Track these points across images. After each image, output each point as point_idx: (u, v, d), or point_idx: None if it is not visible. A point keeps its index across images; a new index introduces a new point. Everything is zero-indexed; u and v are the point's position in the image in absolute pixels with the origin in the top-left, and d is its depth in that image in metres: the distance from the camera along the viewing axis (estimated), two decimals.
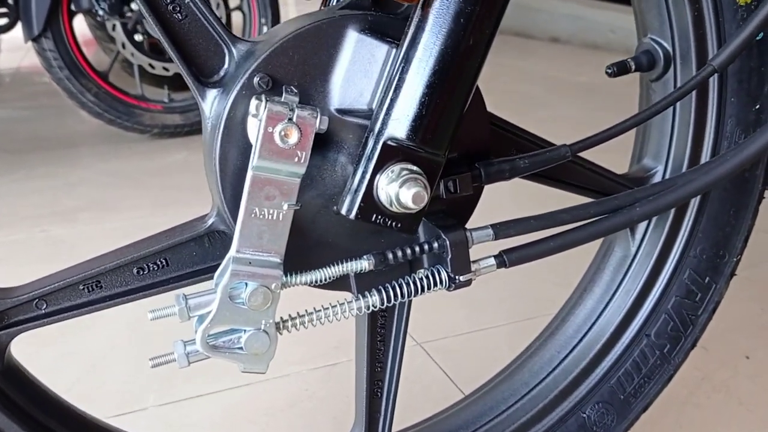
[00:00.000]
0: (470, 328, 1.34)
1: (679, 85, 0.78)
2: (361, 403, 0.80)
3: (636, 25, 0.82)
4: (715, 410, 1.15)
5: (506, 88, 3.37)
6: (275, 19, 2.72)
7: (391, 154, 0.56)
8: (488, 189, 0.70)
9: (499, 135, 0.74)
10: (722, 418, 1.13)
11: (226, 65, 0.64)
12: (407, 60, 0.56)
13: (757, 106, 0.78)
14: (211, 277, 0.66)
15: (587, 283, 0.86)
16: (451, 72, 0.55)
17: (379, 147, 0.56)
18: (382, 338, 0.78)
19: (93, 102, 2.51)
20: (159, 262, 0.68)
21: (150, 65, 2.67)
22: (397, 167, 0.56)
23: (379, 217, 0.58)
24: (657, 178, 0.81)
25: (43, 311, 0.65)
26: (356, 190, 0.57)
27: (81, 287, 0.67)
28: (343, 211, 0.58)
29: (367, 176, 0.57)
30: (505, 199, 1.65)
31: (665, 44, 0.77)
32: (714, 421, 1.13)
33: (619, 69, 0.78)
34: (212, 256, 0.69)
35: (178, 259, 0.68)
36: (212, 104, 0.64)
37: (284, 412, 1.16)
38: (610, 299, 0.84)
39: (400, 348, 0.79)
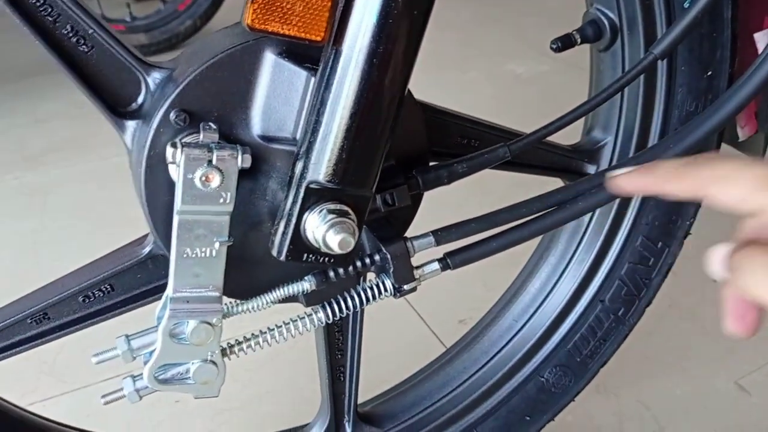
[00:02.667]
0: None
1: (626, 55, 0.75)
2: (325, 387, 0.83)
3: None
4: (682, 339, 1.19)
5: None
6: None
7: (315, 196, 0.55)
8: None
9: (439, 125, 0.72)
10: (688, 348, 1.17)
11: (142, 93, 0.61)
12: (322, 102, 0.53)
13: (709, 73, 0.75)
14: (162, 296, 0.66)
15: (542, 252, 0.87)
16: (368, 114, 0.52)
17: (302, 191, 0.55)
18: (339, 328, 0.80)
19: None
20: (104, 288, 0.68)
21: None
22: (324, 208, 0.55)
23: (311, 256, 0.57)
24: (607, 150, 0.80)
25: None
26: (284, 232, 0.56)
27: (29, 321, 0.67)
28: (274, 253, 0.58)
29: (294, 218, 0.56)
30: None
31: (611, 14, 0.73)
32: (680, 350, 1.17)
33: (564, 43, 0.74)
34: (158, 276, 0.69)
35: (124, 284, 0.68)
36: (133, 137, 0.62)
37: (265, 367, 1.19)
38: (565, 269, 0.85)
39: (358, 334, 0.80)
